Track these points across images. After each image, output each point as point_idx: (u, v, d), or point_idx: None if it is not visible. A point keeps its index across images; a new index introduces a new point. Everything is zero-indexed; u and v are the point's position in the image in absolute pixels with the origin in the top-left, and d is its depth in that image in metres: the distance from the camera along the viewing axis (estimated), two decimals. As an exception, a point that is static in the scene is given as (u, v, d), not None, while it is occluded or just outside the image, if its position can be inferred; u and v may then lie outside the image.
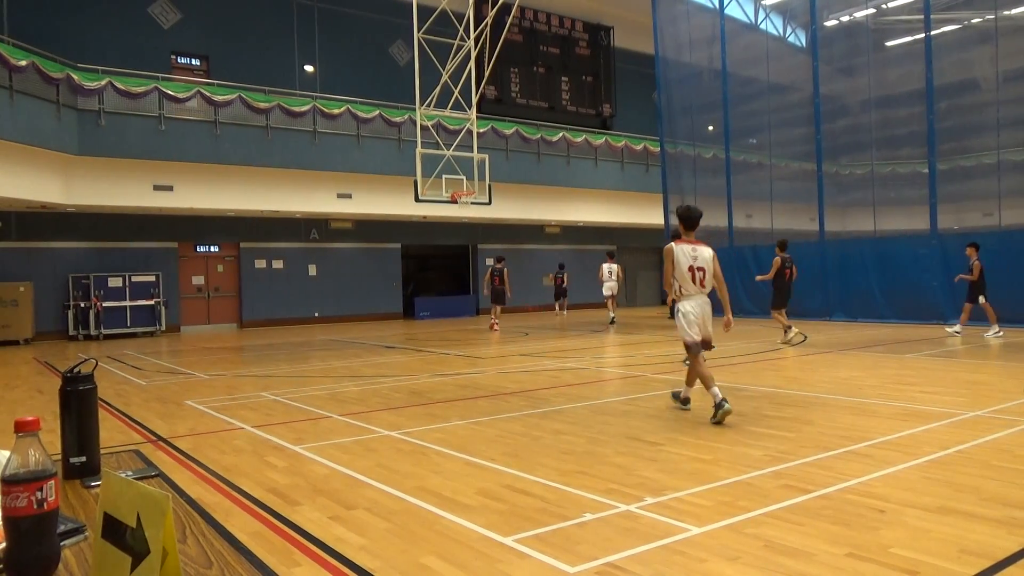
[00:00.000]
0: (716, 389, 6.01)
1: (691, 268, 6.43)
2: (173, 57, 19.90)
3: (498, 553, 3.26)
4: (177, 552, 1.01)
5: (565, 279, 21.91)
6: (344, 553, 3.31)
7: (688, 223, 6.65)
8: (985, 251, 14.62)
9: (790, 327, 12.49)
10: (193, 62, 20.27)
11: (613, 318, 18.30)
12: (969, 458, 4.66)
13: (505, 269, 18.11)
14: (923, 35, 16.11)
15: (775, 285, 12.70)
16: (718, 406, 5.92)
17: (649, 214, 24.84)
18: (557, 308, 22.32)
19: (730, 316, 6.66)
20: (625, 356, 11.35)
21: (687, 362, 6.84)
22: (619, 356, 11.39)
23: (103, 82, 16.31)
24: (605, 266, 18.82)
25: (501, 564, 3.13)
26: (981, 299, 12.44)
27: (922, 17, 16.04)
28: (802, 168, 19.12)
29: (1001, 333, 12.46)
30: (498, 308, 18.07)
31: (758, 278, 13.83)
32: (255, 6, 20.77)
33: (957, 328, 12.72)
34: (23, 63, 14.49)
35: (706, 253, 6.56)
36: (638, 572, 2.99)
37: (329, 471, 4.80)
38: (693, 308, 6.44)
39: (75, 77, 15.89)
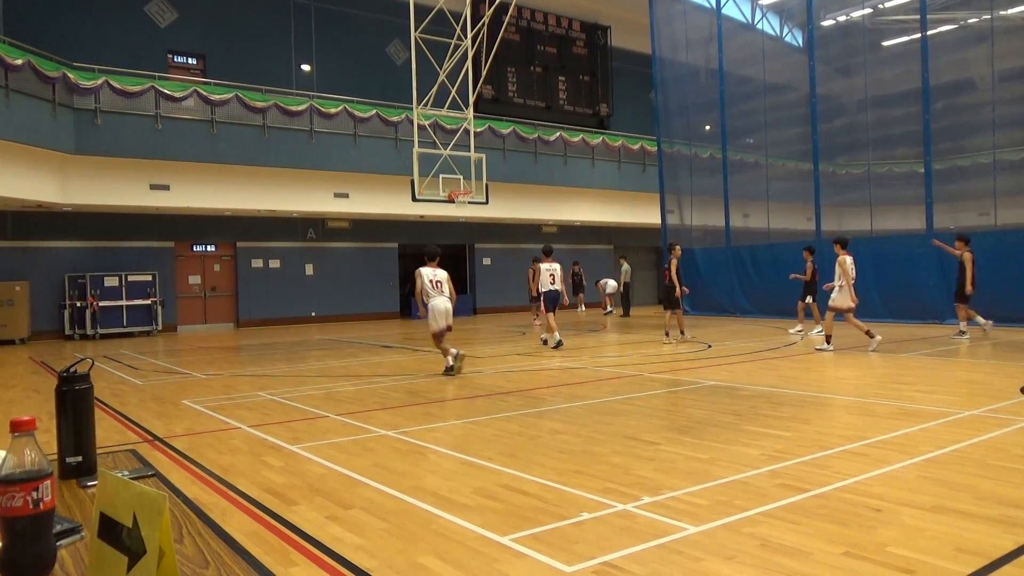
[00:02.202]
0: (450, 357, 9.43)
1: (432, 281, 9.60)
2: (170, 56, 19.87)
3: (495, 552, 3.26)
4: (174, 552, 1.01)
5: (583, 275, 22.09)
6: (341, 553, 3.31)
7: (431, 257, 9.83)
8: (981, 251, 14.65)
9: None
10: (190, 61, 20.24)
11: (559, 341, 12.62)
12: (965, 457, 4.67)
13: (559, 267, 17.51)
14: (919, 35, 16.14)
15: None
16: (450, 368, 9.33)
17: (646, 214, 24.85)
18: (580, 306, 22.53)
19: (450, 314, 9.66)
20: (622, 355, 11.36)
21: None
22: (616, 355, 11.40)
23: (99, 81, 16.27)
24: (544, 266, 13.39)
25: (498, 563, 3.13)
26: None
27: (918, 17, 16.07)
28: (799, 168, 19.14)
29: (967, 336, 12.47)
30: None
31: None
32: (252, 5, 20.74)
33: (962, 328, 12.60)
34: (19, 62, 14.45)
35: (442, 274, 9.78)
36: (635, 571, 2.99)
37: (326, 471, 4.79)
38: (438, 305, 9.48)
39: (71, 76, 15.85)
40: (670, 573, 2.97)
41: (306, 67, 21.50)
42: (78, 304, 17.85)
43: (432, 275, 9.64)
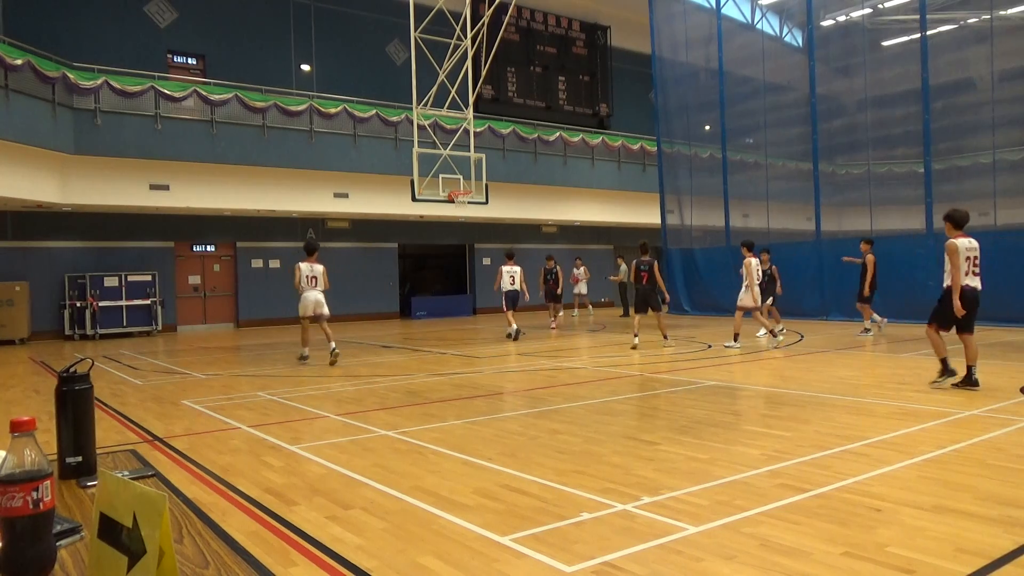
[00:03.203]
0: (306, 349, 11.18)
1: (308, 277, 11.06)
2: (169, 56, 19.86)
3: (495, 552, 3.26)
4: (174, 552, 1.01)
5: (559, 274, 21.95)
6: (341, 553, 3.31)
7: (309, 252, 11.21)
8: (981, 251, 14.64)
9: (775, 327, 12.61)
10: (189, 61, 20.23)
11: (517, 331, 14.43)
12: (965, 457, 4.67)
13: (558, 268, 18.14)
14: (919, 35, 16.14)
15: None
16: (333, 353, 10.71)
17: (646, 214, 24.85)
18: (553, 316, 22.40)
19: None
20: (622, 356, 11.36)
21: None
22: (616, 356, 11.40)
23: (99, 81, 16.26)
24: (505, 269, 15.11)
25: (498, 563, 3.13)
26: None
27: (918, 17, 16.07)
28: (798, 168, 19.14)
29: (871, 333, 13.03)
30: (558, 306, 18.04)
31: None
32: (251, 5, 20.74)
33: (867, 326, 13.12)
34: (19, 62, 14.44)
35: (319, 269, 11.17)
36: (635, 571, 2.99)
37: (326, 471, 4.79)
38: (308, 297, 11.04)
39: (71, 76, 15.84)
40: (670, 573, 2.97)
41: (306, 67, 21.50)
42: (78, 304, 17.84)
43: (309, 271, 11.07)
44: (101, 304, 17.95)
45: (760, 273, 11.95)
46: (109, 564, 1.06)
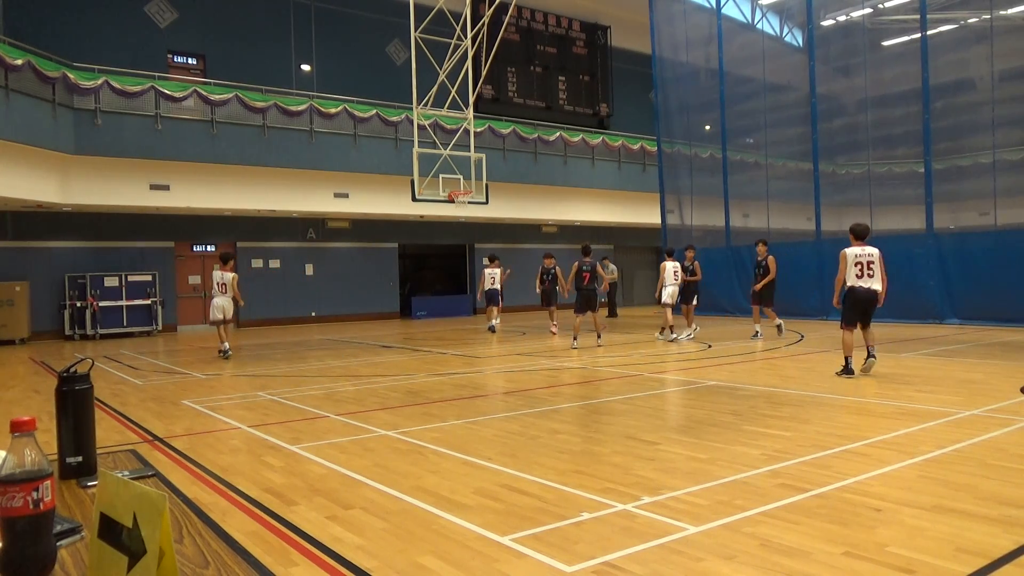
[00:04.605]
0: (226, 343, 12.05)
1: (218, 283, 12.09)
2: (169, 56, 19.87)
3: (495, 552, 3.26)
4: (174, 552, 1.01)
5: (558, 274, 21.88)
6: (341, 553, 3.31)
7: (224, 261, 12.19)
8: (981, 250, 14.66)
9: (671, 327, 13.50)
10: (190, 61, 20.24)
11: (493, 327, 16.05)
12: (965, 457, 4.67)
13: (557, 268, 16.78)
14: (919, 35, 16.14)
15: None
16: (223, 352, 11.81)
17: (646, 214, 24.85)
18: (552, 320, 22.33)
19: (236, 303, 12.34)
20: (621, 355, 11.36)
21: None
22: (616, 355, 11.40)
23: (99, 81, 16.27)
24: (487, 271, 16.49)
25: (498, 563, 3.13)
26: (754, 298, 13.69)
27: (918, 17, 16.08)
28: (799, 167, 19.14)
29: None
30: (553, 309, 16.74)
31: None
32: (252, 5, 20.74)
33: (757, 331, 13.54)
34: (19, 62, 14.44)
35: (228, 276, 12.06)
36: (635, 571, 2.99)
37: (326, 471, 4.79)
38: (215, 303, 12.08)
39: (71, 76, 15.84)
40: (670, 573, 2.97)
41: (306, 67, 21.50)
42: (78, 304, 17.85)
43: (220, 278, 12.14)
44: (101, 304, 17.95)
45: (677, 275, 13.51)
46: (109, 564, 1.06)
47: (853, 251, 8.51)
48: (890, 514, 3.59)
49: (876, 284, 8.43)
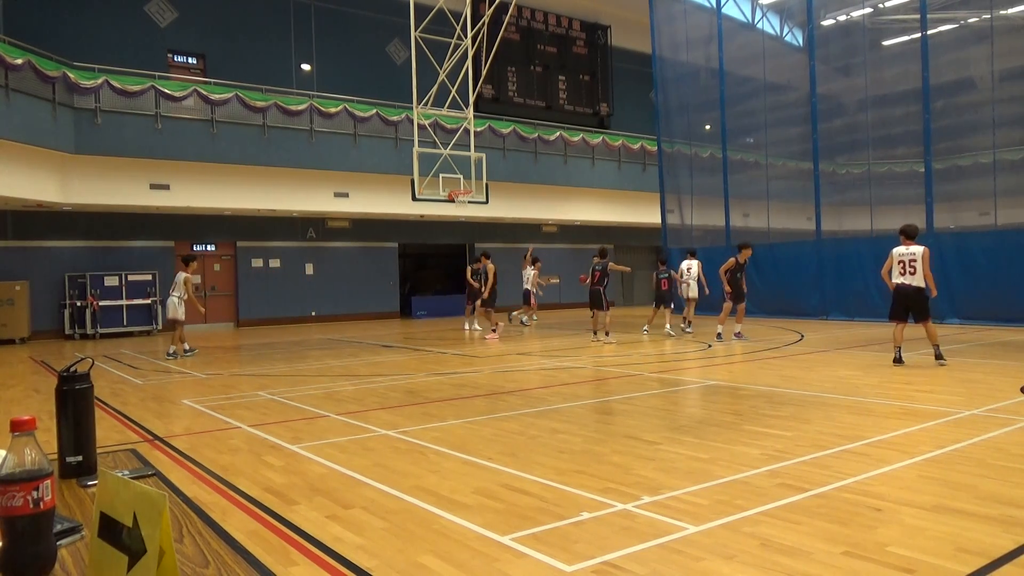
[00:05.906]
0: (186, 344, 12.56)
1: (174, 283, 12.52)
2: (170, 56, 19.87)
3: (495, 552, 3.26)
4: (174, 551, 1.01)
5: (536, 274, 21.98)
6: (341, 552, 3.31)
7: (186, 263, 12.56)
8: (981, 250, 14.65)
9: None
10: (190, 60, 20.24)
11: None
12: (966, 457, 4.67)
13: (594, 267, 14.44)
14: (919, 34, 16.13)
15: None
16: (172, 354, 12.21)
17: (646, 213, 24.85)
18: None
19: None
20: (622, 355, 11.36)
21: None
22: (616, 355, 11.40)
23: (99, 80, 16.27)
24: (523, 271, 16.99)
25: (498, 563, 3.13)
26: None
27: (918, 16, 16.07)
28: (799, 167, 19.14)
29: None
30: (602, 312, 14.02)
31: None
32: (252, 4, 20.74)
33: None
34: (19, 61, 14.45)
35: (180, 276, 12.38)
36: (635, 571, 2.99)
37: (326, 470, 4.79)
38: (167, 303, 12.50)
39: (71, 75, 15.84)
40: (670, 573, 2.97)
41: (306, 67, 21.49)
42: (78, 304, 17.85)
43: (178, 278, 12.65)
44: (101, 303, 17.96)
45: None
46: (109, 563, 1.06)
47: (898, 250, 9.21)
48: (890, 514, 3.59)
49: (917, 281, 9.04)
